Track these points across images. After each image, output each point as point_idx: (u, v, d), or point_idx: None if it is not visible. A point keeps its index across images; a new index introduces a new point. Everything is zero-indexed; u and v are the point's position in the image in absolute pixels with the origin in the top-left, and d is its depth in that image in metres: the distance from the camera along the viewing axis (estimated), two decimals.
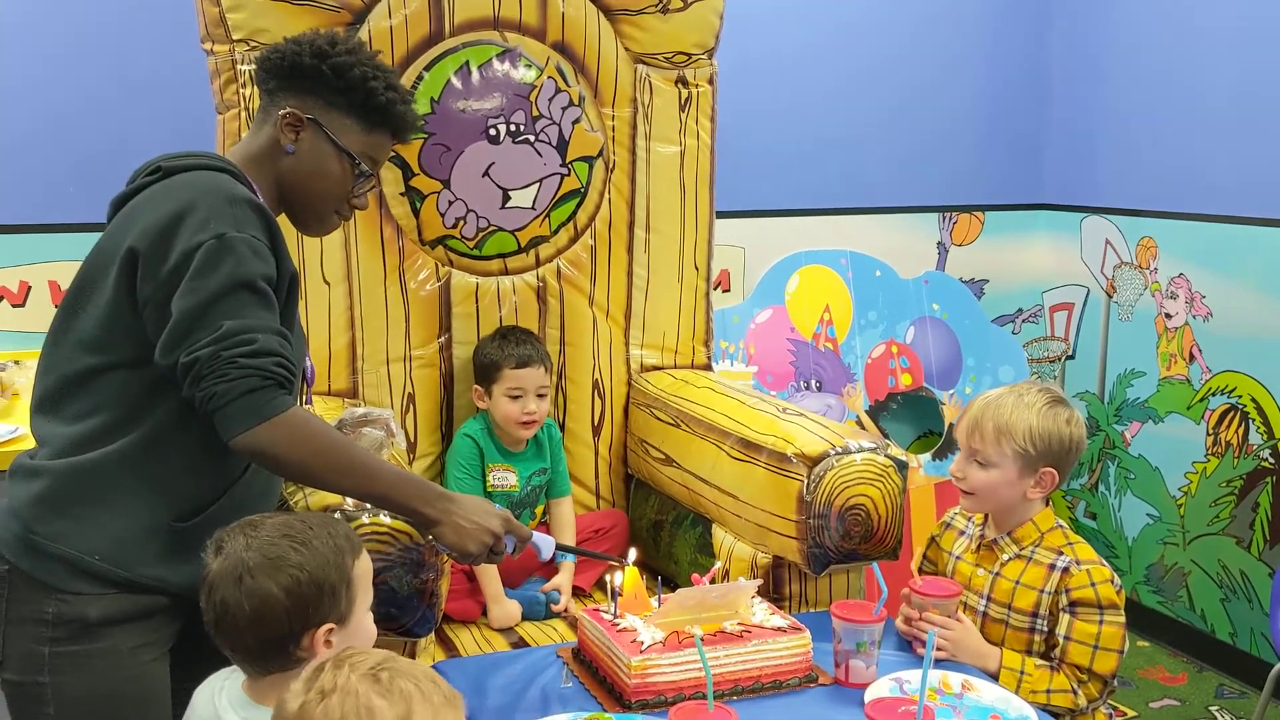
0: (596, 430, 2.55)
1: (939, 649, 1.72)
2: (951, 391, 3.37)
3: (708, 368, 2.65)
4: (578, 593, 2.32)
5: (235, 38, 2.16)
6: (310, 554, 1.31)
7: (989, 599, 1.82)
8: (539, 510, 2.37)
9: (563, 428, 2.52)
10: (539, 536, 1.73)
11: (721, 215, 2.82)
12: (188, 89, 2.52)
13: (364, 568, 1.39)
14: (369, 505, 1.69)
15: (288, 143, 1.62)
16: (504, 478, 2.28)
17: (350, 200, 1.67)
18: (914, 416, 3.40)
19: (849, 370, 3.30)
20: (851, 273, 3.33)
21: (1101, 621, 1.73)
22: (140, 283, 1.46)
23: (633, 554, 1.82)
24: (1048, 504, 1.86)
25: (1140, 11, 3.24)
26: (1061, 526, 1.83)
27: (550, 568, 2.30)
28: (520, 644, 2.12)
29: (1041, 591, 1.78)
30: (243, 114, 2.18)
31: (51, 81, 2.64)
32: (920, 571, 1.99)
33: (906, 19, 3.36)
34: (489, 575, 2.21)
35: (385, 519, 1.69)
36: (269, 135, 1.63)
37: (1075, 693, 1.73)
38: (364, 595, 1.38)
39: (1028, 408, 1.79)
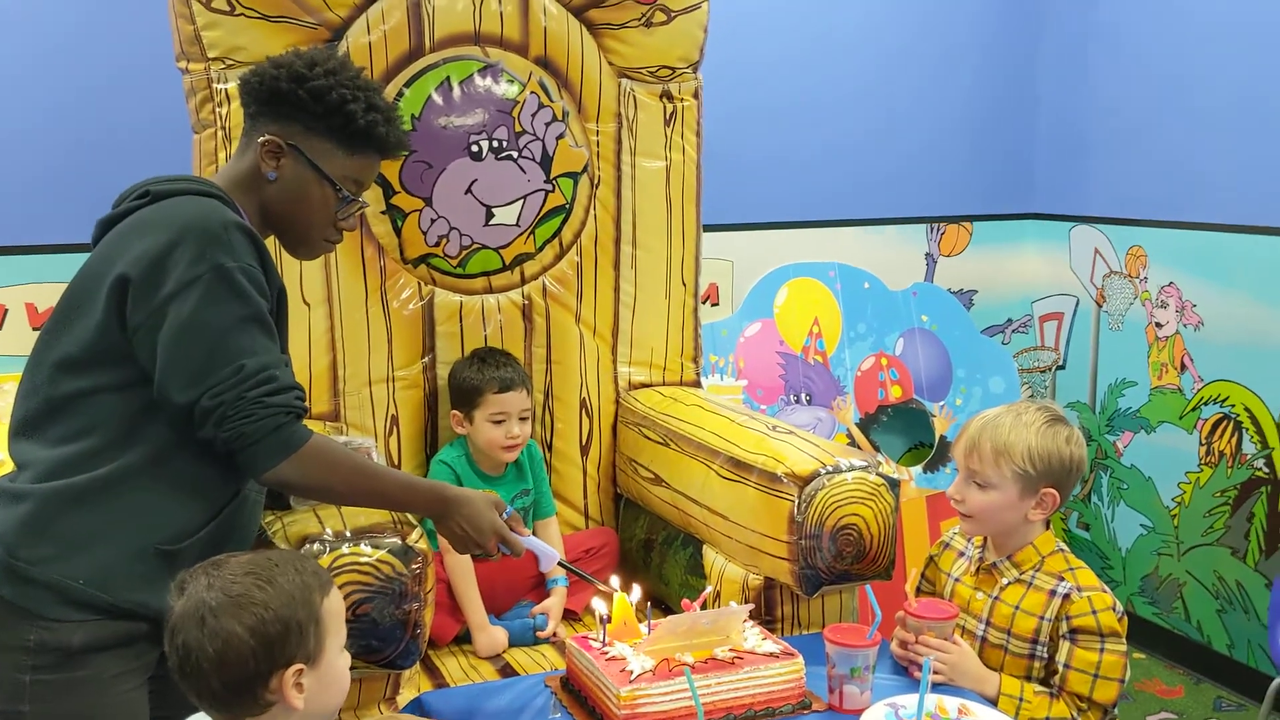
0: (585, 449, 2.51)
1: (936, 673, 1.69)
2: (942, 403, 3.35)
3: (697, 384, 2.62)
4: (569, 616, 2.28)
5: (210, 56, 2.13)
6: (275, 591, 1.25)
7: (988, 624, 1.79)
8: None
9: (550, 447, 2.48)
10: (540, 547, 1.77)
11: (709, 228, 2.79)
12: (167, 108, 2.48)
13: (334, 605, 1.33)
14: (349, 535, 1.66)
15: (269, 170, 1.61)
16: None
17: (336, 224, 1.66)
18: (905, 428, 3.37)
19: (839, 383, 3.27)
20: (840, 285, 3.30)
21: (1103, 650, 1.70)
22: (131, 309, 1.45)
23: (629, 587, 1.79)
24: (1048, 526, 1.82)
25: (1128, 22, 3.22)
26: (1063, 550, 1.79)
27: (541, 591, 2.26)
28: (508, 671, 2.08)
29: (1041, 618, 1.74)
30: (219, 133, 2.14)
31: (25, 102, 2.59)
32: (919, 592, 1.95)
33: (894, 30, 3.33)
34: (472, 604, 2.17)
35: (366, 549, 1.65)
36: (251, 162, 1.62)
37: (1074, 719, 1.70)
38: (335, 634, 1.32)
39: (1026, 427, 1.74)
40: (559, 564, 1.82)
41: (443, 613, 2.15)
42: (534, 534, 2.33)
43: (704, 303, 3.16)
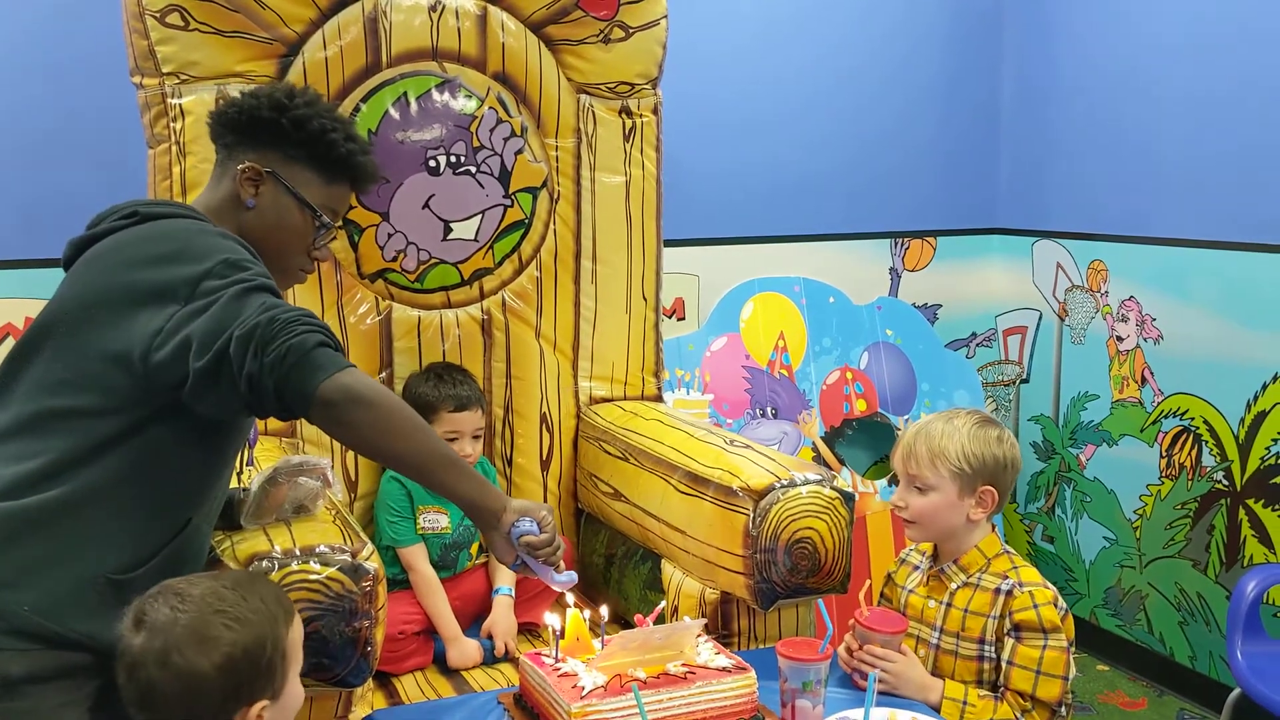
0: (545, 464, 2.50)
1: (880, 682, 1.69)
2: (906, 417, 3.36)
3: (658, 399, 2.62)
4: (531, 629, 2.27)
5: (165, 71, 2.12)
6: (244, 630, 1.24)
7: (941, 631, 1.80)
8: (475, 549, 2.31)
9: (510, 462, 2.48)
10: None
11: (675, 243, 2.79)
12: (121, 123, 2.46)
13: (296, 634, 1.34)
14: (299, 553, 1.64)
15: (248, 197, 1.61)
16: (435, 520, 2.22)
17: (311, 252, 1.66)
18: (870, 442, 3.37)
19: (804, 397, 3.28)
20: (805, 299, 3.31)
21: (1045, 646, 1.71)
22: (130, 321, 1.43)
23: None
24: (993, 529, 1.85)
25: (1089, 40, 3.26)
26: (1008, 552, 1.83)
27: (486, 610, 2.25)
28: (464, 689, 2.06)
29: (988, 617, 1.76)
30: (173, 148, 2.13)
31: None
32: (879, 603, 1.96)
33: (858, 46, 3.35)
34: (443, 617, 2.16)
35: (315, 566, 1.64)
36: (228, 190, 1.63)
37: None
38: (296, 662, 1.33)
39: (958, 430, 1.81)
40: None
41: (417, 640, 2.15)
42: (486, 551, 2.33)
43: (670, 317, 3.17)
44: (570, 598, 1.77)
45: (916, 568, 1.91)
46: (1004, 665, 1.73)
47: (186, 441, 1.51)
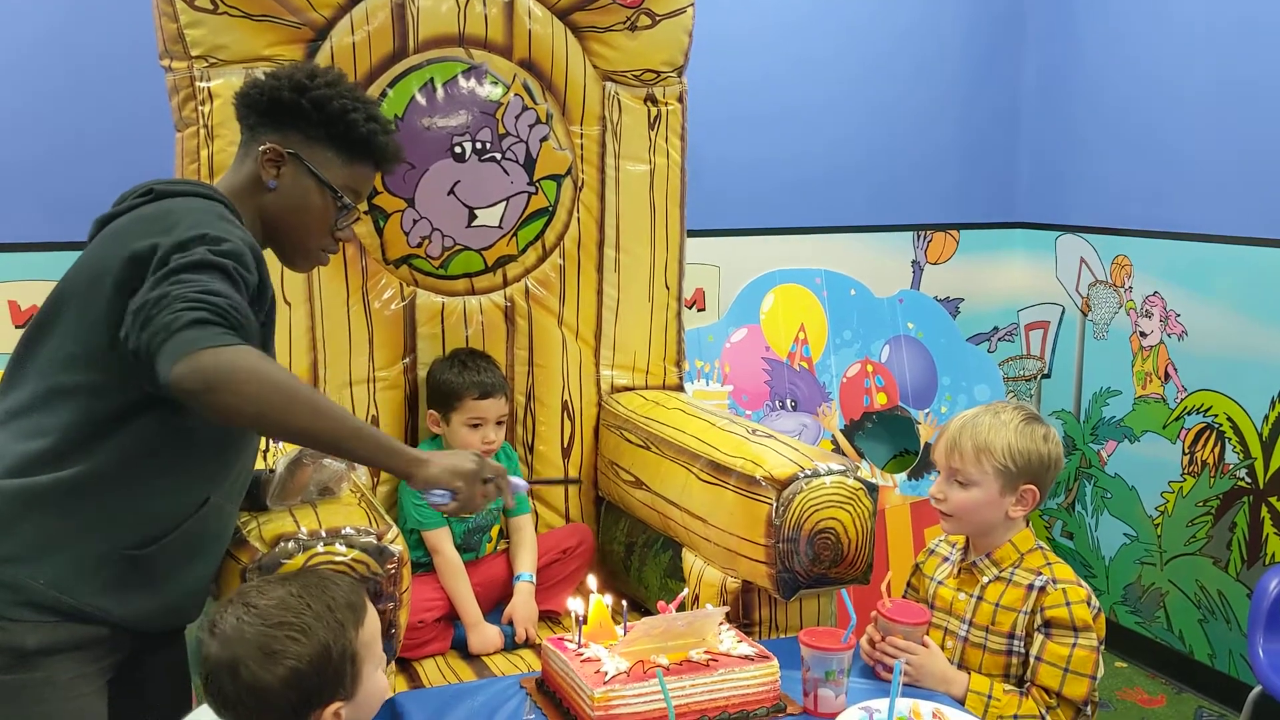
0: (566, 452, 2.51)
1: (903, 673, 1.69)
2: (927, 410, 3.35)
3: (679, 388, 2.62)
4: (551, 616, 2.28)
5: (194, 54, 2.13)
6: (309, 642, 1.25)
7: (970, 624, 1.79)
8: (495, 532, 2.32)
9: (532, 449, 2.48)
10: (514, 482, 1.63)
11: (696, 234, 2.79)
12: (150, 106, 2.47)
13: (370, 631, 1.34)
14: (324, 535, 1.64)
15: (269, 178, 1.61)
16: None
17: (334, 233, 1.66)
18: (889, 435, 3.37)
19: (824, 389, 3.27)
20: (826, 292, 3.31)
21: (1075, 644, 1.70)
22: (123, 293, 1.42)
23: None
24: (1027, 524, 1.84)
25: (1111, 34, 3.24)
26: (1042, 548, 1.82)
27: (507, 597, 2.25)
28: (485, 673, 2.07)
29: (1020, 612, 1.75)
30: (201, 131, 2.14)
31: (6, 98, 2.59)
32: (904, 596, 1.95)
33: (883, 37, 3.34)
34: (465, 601, 2.17)
35: (340, 548, 1.64)
36: (250, 171, 1.62)
37: (1043, 718, 1.69)
38: (371, 658, 1.34)
39: (1004, 425, 1.78)
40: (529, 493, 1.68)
41: (437, 627, 2.16)
42: (509, 534, 2.34)
43: (690, 308, 3.17)
44: (593, 582, 1.78)
45: (946, 559, 1.89)
46: (1032, 661, 1.72)
47: (195, 418, 1.48)
